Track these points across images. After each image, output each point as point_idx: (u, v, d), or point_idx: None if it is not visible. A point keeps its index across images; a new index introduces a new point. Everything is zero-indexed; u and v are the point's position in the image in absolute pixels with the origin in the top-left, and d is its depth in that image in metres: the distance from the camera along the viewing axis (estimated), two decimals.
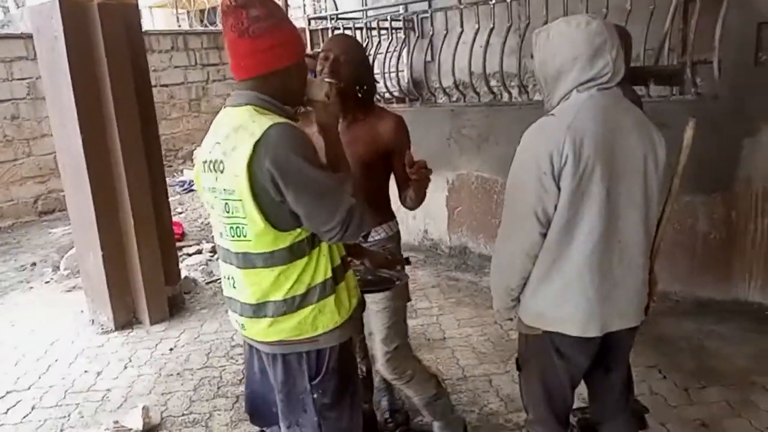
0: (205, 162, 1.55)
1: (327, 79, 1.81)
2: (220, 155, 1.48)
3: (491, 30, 4.24)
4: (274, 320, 1.55)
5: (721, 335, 3.25)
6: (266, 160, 1.40)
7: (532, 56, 1.73)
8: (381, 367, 2.26)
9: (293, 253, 1.51)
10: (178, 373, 3.27)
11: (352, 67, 2.04)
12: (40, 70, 3.88)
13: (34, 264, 5.41)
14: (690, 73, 3.41)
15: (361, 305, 1.74)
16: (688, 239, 3.63)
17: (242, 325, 1.63)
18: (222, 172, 1.48)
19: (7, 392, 3.18)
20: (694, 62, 3.44)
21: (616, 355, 1.83)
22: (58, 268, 5.02)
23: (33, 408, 3.02)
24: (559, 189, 1.58)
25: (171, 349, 3.56)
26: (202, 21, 11.87)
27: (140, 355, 3.51)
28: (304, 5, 9.81)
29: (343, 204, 1.47)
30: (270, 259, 1.51)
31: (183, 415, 2.88)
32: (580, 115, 1.57)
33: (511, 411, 2.70)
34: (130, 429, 2.70)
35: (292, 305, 1.54)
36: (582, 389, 1.96)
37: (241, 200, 1.45)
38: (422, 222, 5.00)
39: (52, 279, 4.92)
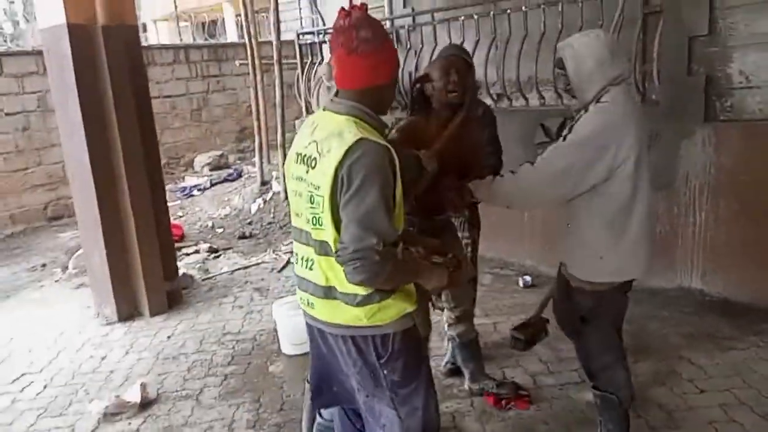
0: (299, 154, 1.72)
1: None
2: (315, 153, 1.64)
3: (462, 43, 4.61)
4: (340, 305, 1.69)
5: (662, 318, 3.60)
6: (347, 162, 1.56)
7: (558, 66, 2.13)
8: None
9: None
10: (174, 357, 3.65)
11: None
12: (51, 86, 4.29)
13: (44, 265, 5.82)
14: (635, 82, 3.78)
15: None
16: None
17: (312, 304, 1.76)
18: (314, 168, 1.64)
19: (22, 374, 3.57)
20: (640, 72, 3.81)
21: None
22: (67, 268, 5.41)
23: (45, 387, 3.40)
24: (606, 170, 1.99)
25: (168, 337, 3.93)
26: (203, 34, 12.34)
27: (141, 343, 3.89)
28: (301, 18, 10.24)
29: (370, 240, 1.54)
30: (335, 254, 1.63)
31: (176, 391, 3.25)
32: (628, 105, 2.04)
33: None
34: (130, 402, 3.06)
35: (353, 300, 1.67)
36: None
37: (323, 197, 1.61)
38: None
39: (61, 278, 5.32)
